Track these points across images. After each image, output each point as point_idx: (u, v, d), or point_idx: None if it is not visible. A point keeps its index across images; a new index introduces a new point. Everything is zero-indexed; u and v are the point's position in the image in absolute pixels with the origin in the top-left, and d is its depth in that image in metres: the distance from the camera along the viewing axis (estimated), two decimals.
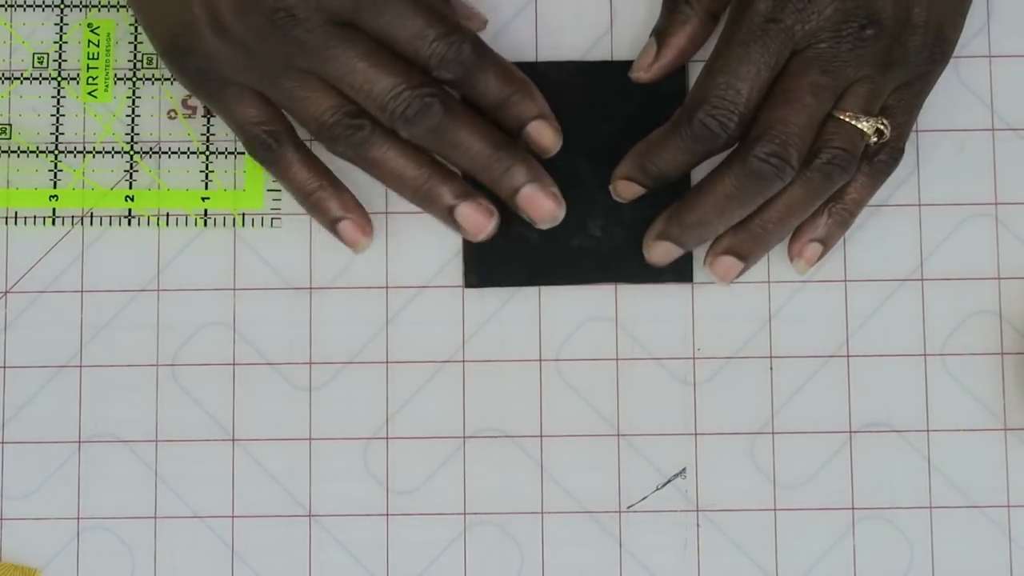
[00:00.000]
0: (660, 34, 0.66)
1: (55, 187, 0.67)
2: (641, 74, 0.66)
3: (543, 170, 0.64)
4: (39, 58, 0.68)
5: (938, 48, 0.62)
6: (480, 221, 0.64)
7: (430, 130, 0.62)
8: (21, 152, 0.67)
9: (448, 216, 0.64)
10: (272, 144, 0.64)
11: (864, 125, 0.62)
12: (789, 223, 0.63)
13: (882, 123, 0.62)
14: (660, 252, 0.65)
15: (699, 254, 0.66)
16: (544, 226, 0.65)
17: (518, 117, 0.64)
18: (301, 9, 0.61)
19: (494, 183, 0.64)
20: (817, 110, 0.61)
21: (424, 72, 0.62)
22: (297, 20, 0.61)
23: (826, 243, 0.65)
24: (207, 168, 0.67)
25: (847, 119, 0.62)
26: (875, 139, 0.62)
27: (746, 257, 0.64)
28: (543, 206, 0.64)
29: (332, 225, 0.65)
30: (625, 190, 0.65)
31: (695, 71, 0.67)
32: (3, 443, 0.66)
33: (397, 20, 0.61)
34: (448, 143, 0.63)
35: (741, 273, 0.65)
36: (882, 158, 0.63)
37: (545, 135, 0.64)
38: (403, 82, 0.62)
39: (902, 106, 0.63)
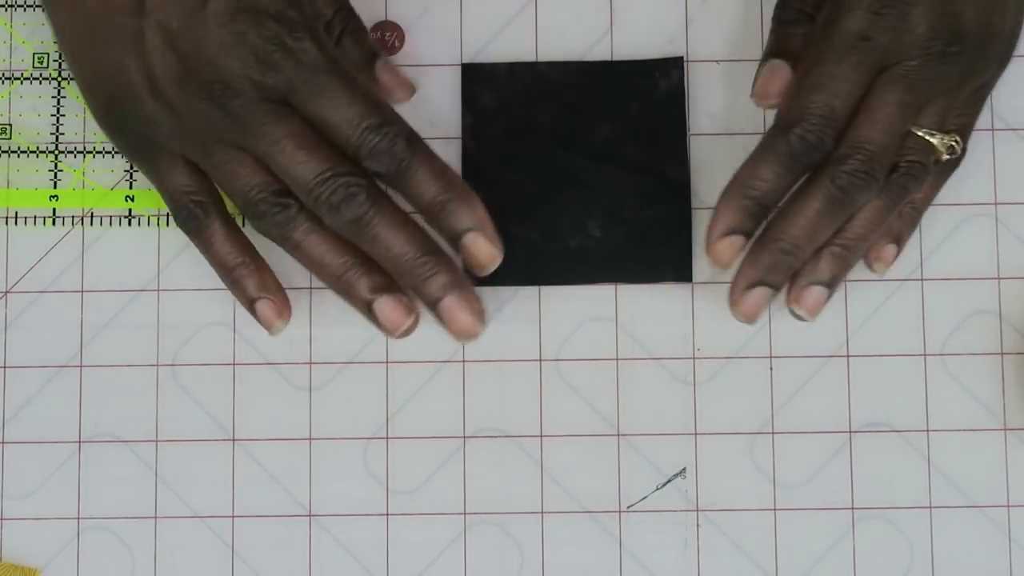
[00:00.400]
0: (787, 54, 0.64)
1: (55, 187, 0.67)
2: (772, 101, 0.64)
3: (468, 282, 0.63)
4: (39, 58, 0.68)
5: (1010, 51, 0.63)
6: (396, 318, 0.63)
7: (353, 221, 0.61)
8: (21, 152, 0.67)
9: (366, 310, 0.63)
10: (199, 214, 0.63)
11: (938, 142, 0.62)
12: (869, 238, 0.63)
13: (955, 140, 0.62)
14: (753, 301, 0.62)
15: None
16: (461, 341, 0.64)
17: (452, 227, 0.62)
18: (238, 83, 0.60)
19: (415, 289, 0.62)
20: (901, 127, 0.61)
21: (355, 162, 0.61)
22: (233, 93, 0.60)
23: (899, 242, 0.65)
24: None
25: (924, 135, 0.62)
26: (946, 156, 0.62)
27: (831, 282, 0.63)
28: (461, 320, 0.62)
29: (250, 304, 0.64)
30: (727, 249, 0.62)
31: (696, 70, 0.67)
32: (3, 443, 0.66)
33: (332, 105, 0.60)
34: (371, 238, 0.61)
35: (827, 302, 0.63)
36: (948, 162, 0.64)
37: (481, 249, 0.62)
38: (330, 168, 0.60)
39: (968, 110, 0.64)
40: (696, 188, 0.66)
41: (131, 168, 0.67)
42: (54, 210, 0.67)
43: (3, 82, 0.68)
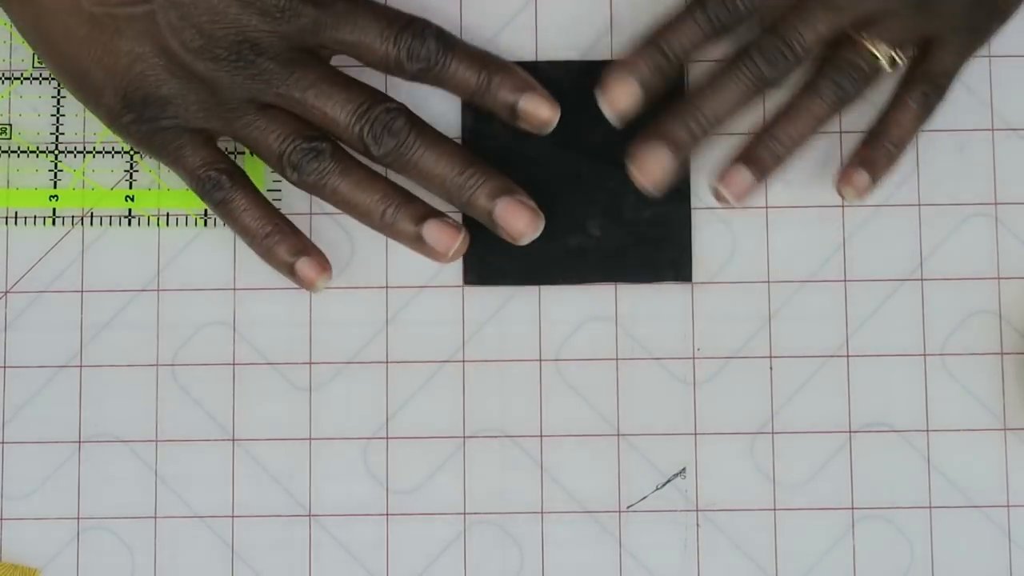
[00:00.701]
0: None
1: (55, 187, 0.67)
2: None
3: (515, 184, 0.64)
4: (39, 58, 0.68)
5: (990, 7, 0.64)
6: (447, 240, 0.63)
7: (396, 147, 0.62)
8: (21, 152, 0.67)
9: (415, 240, 0.64)
10: (224, 181, 0.63)
11: (879, 50, 0.63)
12: (803, 135, 0.63)
13: (897, 53, 0.63)
14: (649, 156, 0.63)
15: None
16: (523, 242, 0.64)
17: (504, 98, 0.64)
18: (264, 38, 0.61)
19: (467, 203, 0.64)
20: (827, 24, 0.62)
21: (398, 70, 0.63)
22: (260, 49, 0.61)
23: (873, 173, 0.64)
24: None
25: (863, 39, 0.63)
26: (889, 68, 0.63)
27: (758, 170, 0.63)
28: (521, 219, 0.64)
29: (288, 268, 0.64)
30: (621, 91, 0.63)
31: (696, 70, 0.67)
32: (3, 443, 0.66)
33: (359, 26, 0.62)
34: (414, 163, 0.63)
35: (751, 192, 0.63)
36: (923, 90, 0.64)
37: (540, 107, 0.64)
38: (366, 100, 0.62)
39: (948, 50, 0.64)
40: (696, 188, 0.66)
41: (131, 168, 0.67)
42: (54, 210, 0.67)
43: (3, 82, 0.68)
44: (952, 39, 0.64)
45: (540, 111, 0.64)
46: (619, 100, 0.63)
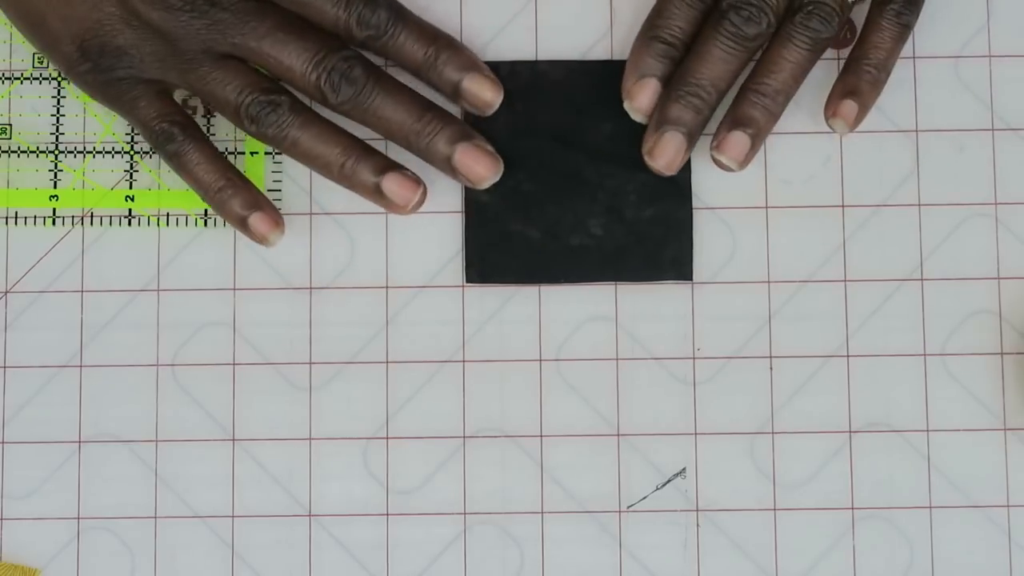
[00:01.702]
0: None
1: (55, 187, 0.67)
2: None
3: (472, 130, 0.64)
4: (39, 58, 0.68)
5: None
6: (406, 192, 0.64)
7: (354, 96, 0.63)
8: (21, 152, 0.67)
9: (374, 192, 0.64)
10: (175, 133, 0.64)
11: None
12: (787, 84, 0.63)
13: None
14: (664, 145, 0.63)
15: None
16: (483, 186, 0.64)
17: (449, 76, 0.64)
18: None
19: (425, 150, 0.64)
20: None
21: (345, 38, 0.63)
22: (214, 2, 0.62)
23: (860, 100, 0.64)
24: None
25: None
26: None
27: (754, 131, 0.63)
28: (480, 163, 0.64)
29: (240, 222, 0.64)
30: (642, 92, 0.64)
31: None
32: (3, 443, 0.66)
33: None
34: (372, 110, 0.63)
35: (753, 152, 0.64)
36: (894, 8, 0.64)
37: (483, 88, 0.64)
38: (323, 49, 0.63)
39: None
40: (696, 188, 0.66)
41: (131, 168, 0.67)
42: (54, 210, 0.67)
43: (3, 82, 0.68)
44: None
45: (483, 92, 0.64)
46: (646, 103, 0.64)
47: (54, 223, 0.67)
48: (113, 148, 0.67)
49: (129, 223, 0.67)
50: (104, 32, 0.63)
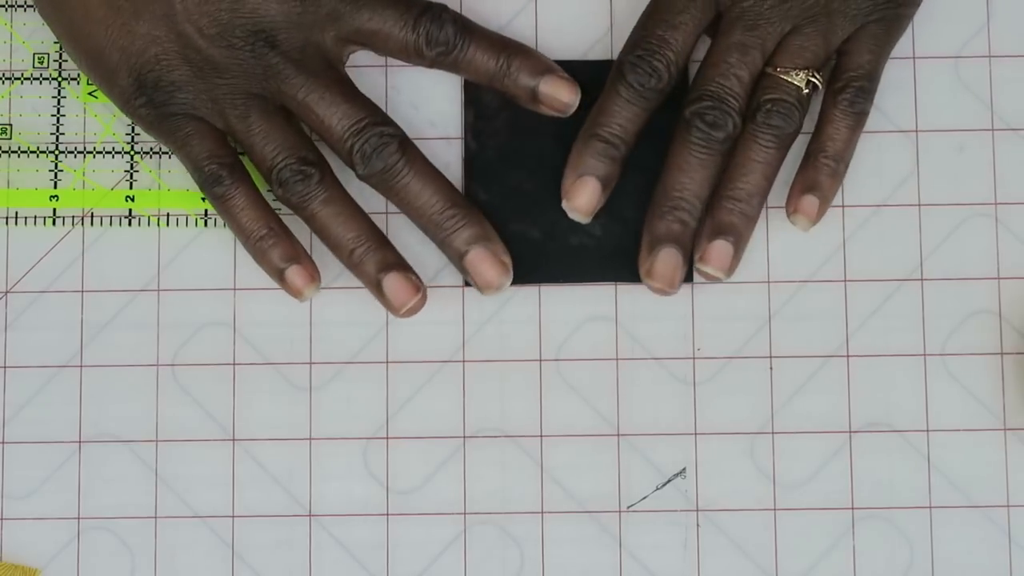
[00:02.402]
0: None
1: (55, 187, 0.67)
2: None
3: (494, 236, 0.64)
4: (39, 58, 0.68)
5: None
6: (403, 296, 0.64)
7: (384, 171, 0.63)
8: (21, 152, 0.67)
9: (374, 287, 0.64)
10: (224, 177, 0.63)
11: (795, 78, 0.63)
12: (759, 185, 0.63)
13: (813, 75, 0.63)
14: (662, 264, 0.63)
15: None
16: (488, 293, 0.64)
17: (525, 83, 0.64)
18: (281, 30, 0.62)
19: (443, 241, 0.64)
20: (745, 68, 0.63)
21: (419, 56, 0.64)
22: (275, 43, 0.62)
23: (820, 195, 0.64)
24: None
25: (778, 73, 0.63)
26: (807, 90, 0.63)
27: (735, 237, 0.64)
28: (490, 270, 0.64)
29: (278, 274, 0.64)
30: (580, 190, 0.64)
31: (695, 70, 0.67)
32: (3, 443, 0.66)
33: (377, 13, 0.63)
34: (400, 189, 0.63)
35: (737, 258, 0.64)
36: (846, 97, 0.64)
37: (560, 90, 0.64)
38: (366, 117, 0.63)
39: (861, 49, 0.64)
40: None
41: (131, 168, 0.67)
42: (54, 210, 0.67)
43: (3, 82, 0.68)
44: (862, 39, 0.64)
45: (560, 94, 0.64)
46: (585, 204, 0.64)
47: (54, 223, 0.67)
48: (113, 148, 0.67)
49: (129, 223, 0.67)
50: (161, 67, 0.63)
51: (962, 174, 0.67)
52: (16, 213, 0.67)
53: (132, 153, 0.67)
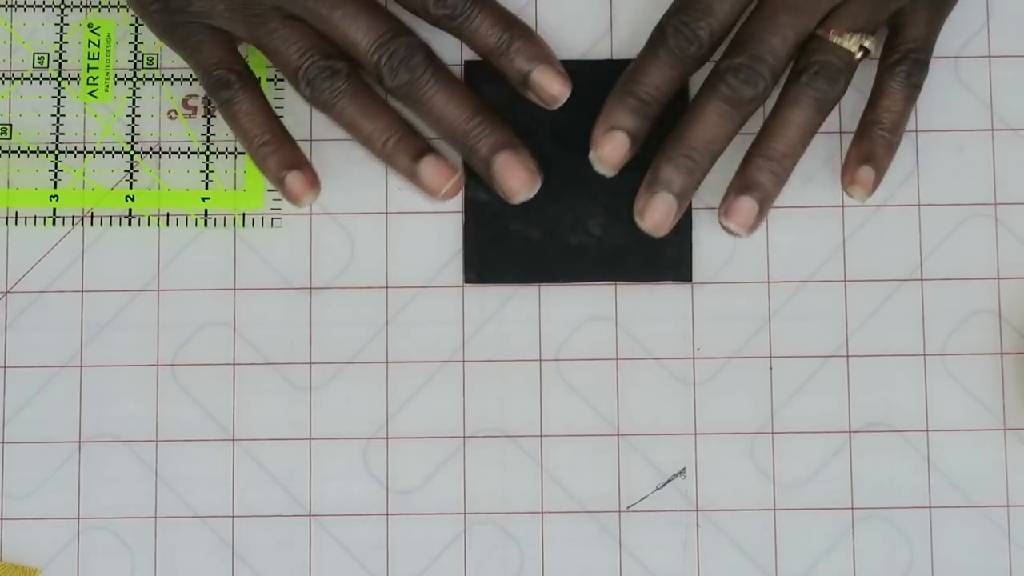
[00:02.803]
0: None
1: (55, 187, 0.67)
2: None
3: (519, 141, 0.64)
4: (39, 58, 0.68)
5: None
6: (439, 179, 0.64)
7: (409, 83, 0.63)
8: (21, 152, 0.67)
9: (410, 174, 0.64)
10: (232, 81, 0.64)
11: (848, 42, 0.62)
12: (795, 147, 0.63)
13: (866, 40, 0.63)
14: (655, 207, 0.63)
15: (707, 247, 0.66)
16: (516, 200, 0.64)
17: (520, 65, 0.64)
18: None
19: (468, 151, 0.64)
20: (792, 30, 0.62)
21: (424, 12, 0.63)
22: None
23: (876, 165, 0.64)
24: (207, 168, 0.67)
25: (830, 37, 0.63)
26: (859, 55, 0.63)
27: (761, 196, 0.63)
28: (517, 176, 0.64)
29: (277, 180, 0.65)
30: (610, 145, 0.63)
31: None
32: (3, 443, 0.66)
33: None
34: (424, 100, 0.63)
35: (761, 218, 0.63)
36: (903, 69, 0.64)
37: (551, 81, 0.64)
38: (390, 30, 0.63)
39: (917, 21, 0.64)
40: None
41: (131, 168, 0.67)
42: (54, 210, 0.67)
43: (3, 82, 0.68)
44: (918, 11, 0.64)
45: (551, 85, 0.64)
46: (611, 156, 0.63)
47: (54, 223, 0.67)
48: (113, 148, 0.67)
49: (129, 223, 0.67)
50: None
51: (962, 174, 0.67)
52: (16, 213, 0.67)
53: (132, 153, 0.67)
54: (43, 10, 0.68)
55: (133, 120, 0.67)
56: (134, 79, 0.68)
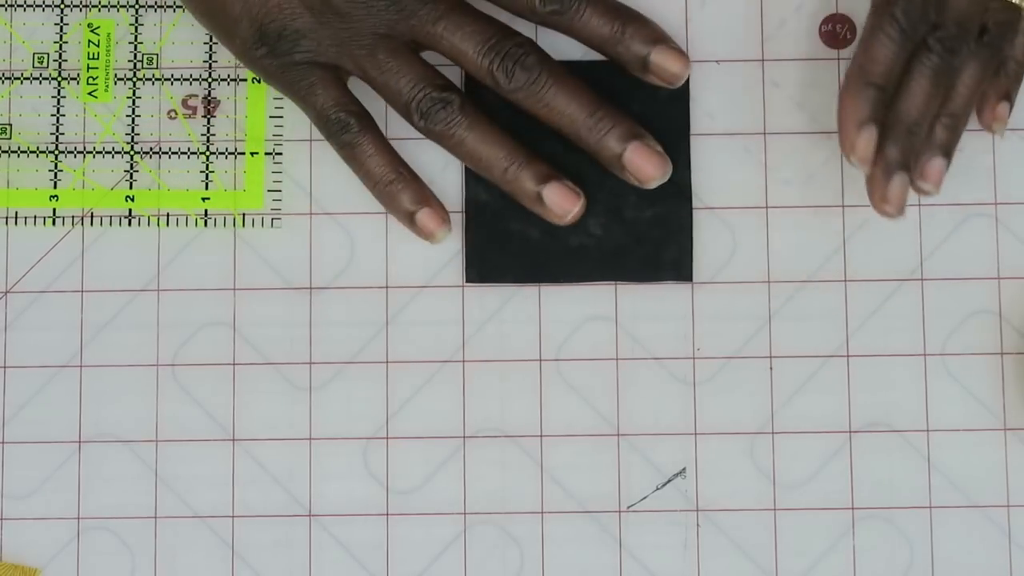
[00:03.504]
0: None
1: (55, 187, 0.67)
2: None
3: (643, 129, 0.64)
4: (39, 58, 0.68)
5: None
6: (565, 204, 0.64)
7: (528, 83, 0.63)
8: (21, 152, 0.67)
9: (535, 200, 0.64)
10: (352, 124, 0.64)
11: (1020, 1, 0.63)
12: (972, 102, 0.63)
13: None
14: (896, 190, 0.62)
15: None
16: (650, 186, 0.64)
17: (637, 50, 0.64)
18: None
19: (596, 145, 0.64)
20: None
21: (530, 13, 0.64)
22: None
23: (1010, 98, 0.65)
24: (207, 168, 0.67)
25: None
26: None
27: (948, 152, 0.63)
28: (650, 163, 0.64)
29: (408, 217, 0.65)
30: (864, 142, 0.62)
31: (696, 70, 0.67)
32: (3, 443, 0.66)
33: None
34: (545, 100, 0.63)
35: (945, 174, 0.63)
36: None
37: (670, 60, 0.64)
38: (498, 33, 0.63)
39: None
40: (696, 188, 0.67)
41: (131, 168, 0.67)
42: (54, 210, 0.67)
43: (3, 82, 0.68)
44: None
45: (670, 64, 0.64)
46: (868, 150, 0.62)
47: (54, 223, 0.67)
48: (113, 148, 0.67)
49: (129, 223, 0.67)
50: (284, 15, 0.63)
51: (962, 174, 0.67)
52: (16, 213, 0.67)
53: (132, 153, 0.67)
54: (43, 10, 0.68)
55: (133, 120, 0.67)
56: (134, 79, 0.68)
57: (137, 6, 0.68)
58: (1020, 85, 0.65)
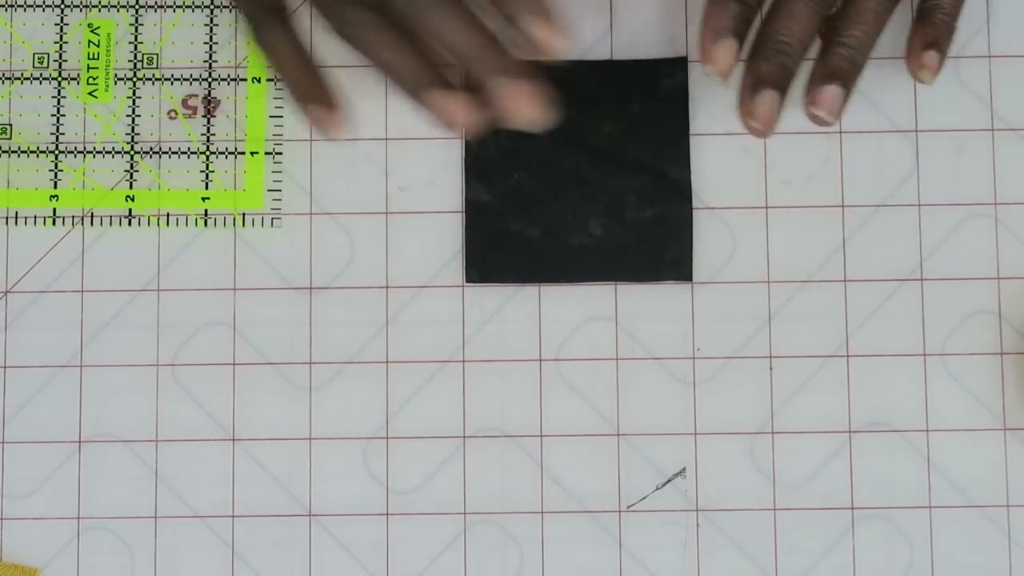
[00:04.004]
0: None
1: (55, 187, 0.67)
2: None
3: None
4: (39, 58, 0.68)
5: None
6: (454, 108, 0.60)
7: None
8: (21, 152, 0.67)
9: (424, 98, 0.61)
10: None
11: None
12: (871, 35, 0.63)
13: None
14: (761, 104, 0.62)
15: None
16: (535, 128, 0.60)
17: (511, 7, 0.60)
18: None
19: (485, 69, 0.60)
20: None
21: None
22: None
23: (940, 49, 0.64)
24: (207, 168, 0.67)
25: None
26: None
27: (844, 80, 0.62)
28: (528, 106, 0.60)
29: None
30: (723, 52, 0.62)
31: (696, 70, 0.67)
32: (3, 443, 0.66)
33: None
34: (441, 17, 0.59)
35: (844, 107, 0.63)
36: None
37: (541, 29, 0.59)
38: None
39: None
40: (697, 188, 0.67)
41: (131, 168, 0.67)
42: (54, 210, 0.67)
43: (3, 82, 0.68)
44: None
45: (541, 30, 0.60)
46: (724, 60, 0.62)
47: (54, 223, 0.67)
48: (113, 148, 0.67)
49: (129, 223, 0.67)
50: None
51: (962, 174, 0.67)
52: (16, 213, 0.67)
53: (132, 153, 0.67)
54: (43, 10, 0.68)
55: (133, 120, 0.67)
56: (134, 79, 0.68)
57: (137, 6, 0.68)
58: (951, 36, 0.64)
